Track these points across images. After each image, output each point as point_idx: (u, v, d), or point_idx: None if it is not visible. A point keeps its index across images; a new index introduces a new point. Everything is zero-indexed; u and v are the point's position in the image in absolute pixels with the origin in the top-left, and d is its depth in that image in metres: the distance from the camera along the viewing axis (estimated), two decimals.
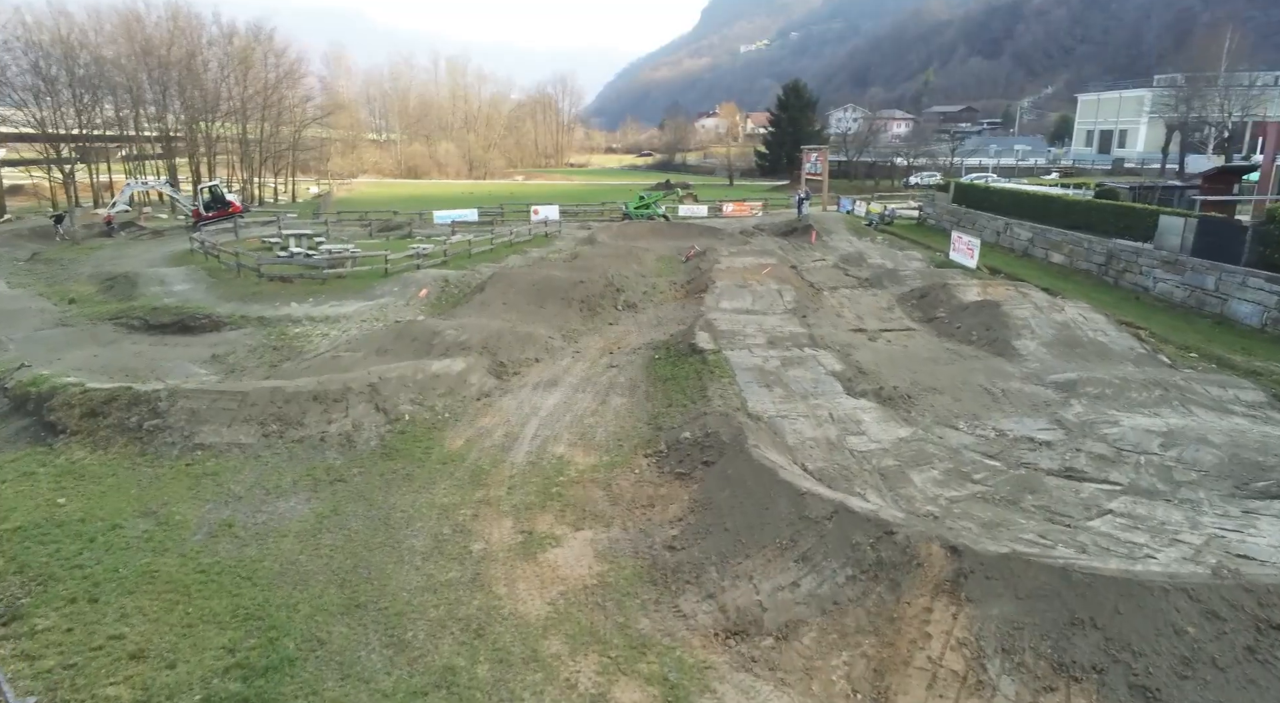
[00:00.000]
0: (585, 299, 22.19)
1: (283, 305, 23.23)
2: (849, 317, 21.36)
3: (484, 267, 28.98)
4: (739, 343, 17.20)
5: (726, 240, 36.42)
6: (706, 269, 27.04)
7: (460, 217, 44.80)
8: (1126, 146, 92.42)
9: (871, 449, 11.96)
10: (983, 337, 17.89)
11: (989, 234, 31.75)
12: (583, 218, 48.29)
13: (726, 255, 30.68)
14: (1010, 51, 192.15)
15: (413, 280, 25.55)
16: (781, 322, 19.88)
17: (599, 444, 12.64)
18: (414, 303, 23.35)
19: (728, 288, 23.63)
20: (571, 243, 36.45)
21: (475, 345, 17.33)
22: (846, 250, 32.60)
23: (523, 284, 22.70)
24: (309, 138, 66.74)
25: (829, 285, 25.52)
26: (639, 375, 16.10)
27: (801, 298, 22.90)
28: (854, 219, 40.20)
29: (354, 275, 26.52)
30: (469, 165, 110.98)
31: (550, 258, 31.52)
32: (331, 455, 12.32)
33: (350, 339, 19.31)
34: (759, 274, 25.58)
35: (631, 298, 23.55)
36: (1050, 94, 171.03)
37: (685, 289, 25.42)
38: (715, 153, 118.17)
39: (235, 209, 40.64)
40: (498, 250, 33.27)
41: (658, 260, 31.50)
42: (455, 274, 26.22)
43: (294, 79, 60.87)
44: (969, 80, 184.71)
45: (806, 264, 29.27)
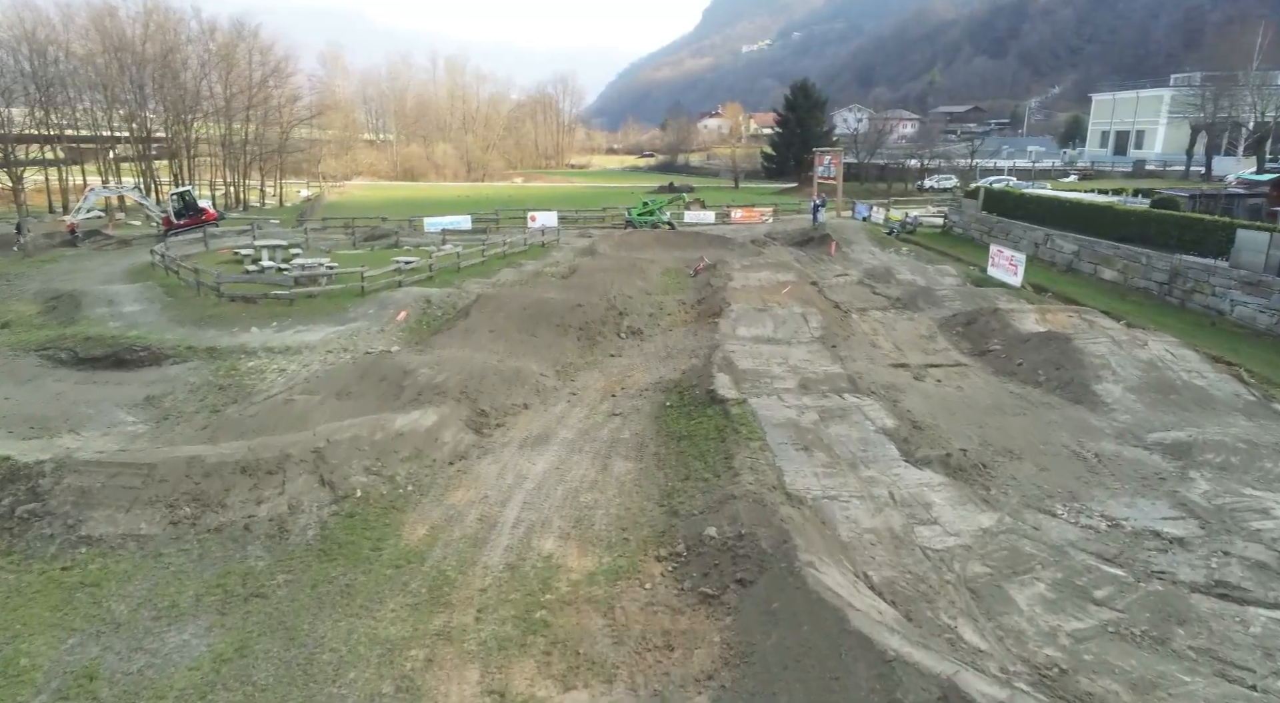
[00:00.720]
0: (584, 326, 19.46)
1: (241, 331, 20.51)
2: (885, 347, 18.63)
3: (473, 283, 26.26)
4: (765, 387, 14.47)
5: (737, 251, 33.68)
6: (719, 287, 24.30)
7: (452, 224, 42.07)
8: (1144, 148, 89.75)
9: (950, 547, 9.24)
10: (1053, 378, 15.14)
11: (1026, 246, 28.99)
12: (583, 224, 45.57)
13: (739, 269, 27.96)
14: (1016, 51, 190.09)
15: (391, 301, 22.82)
16: (810, 355, 17.16)
17: (599, 536, 9.91)
18: (390, 328, 20.62)
19: (745, 311, 20.90)
20: (570, 254, 33.72)
21: (452, 389, 14.60)
22: (870, 264, 29.85)
23: (512, 308, 19.96)
24: (298, 139, 64.03)
25: (857, 306, 22.78)
26: (647, 429, 13.37)
27: (829, 323, 20.16)
28: (873, 227, 37.45)
29: (327, 295, 23.81)
30: (467, 167, 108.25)
31: (546, 272, 28.80)
32: (255, 553, 9.59)
33: (310, 377, 16.58)
34: (779, 294, 22.85)
35: (636, 322, 20.82)
36: (1057, 94, 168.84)
37: (696, 311, 22.69)
38: (719, 154, 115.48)
39: (209, 217, 37.94)
40: (490, 263, 30.54)
41: (664, 274, 28.79)
42: (440, 293, 23.50)
43: (281, 77, 58.17)
44: (974, 80, 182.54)
45: (828, 280, 26.54)
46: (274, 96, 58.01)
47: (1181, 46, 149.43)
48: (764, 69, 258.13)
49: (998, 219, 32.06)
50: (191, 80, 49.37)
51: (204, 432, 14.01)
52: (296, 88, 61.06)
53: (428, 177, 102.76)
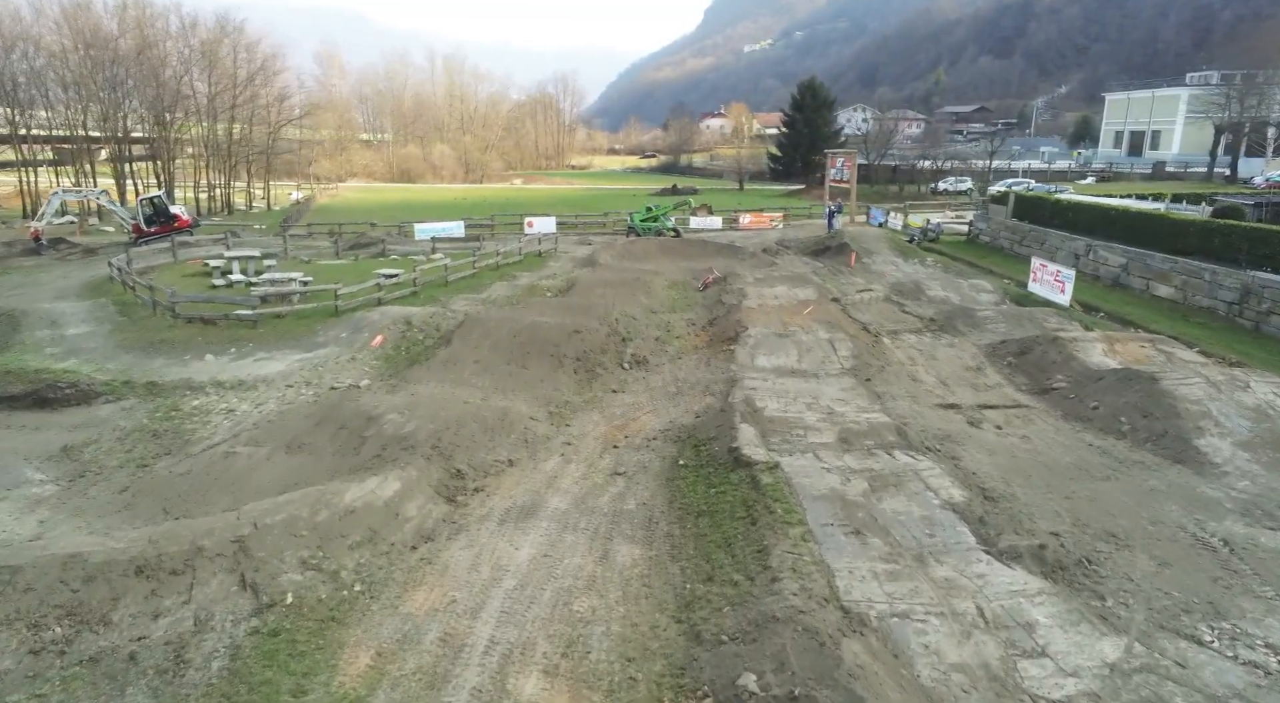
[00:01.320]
0: (581, 356, 17.03)
1: (194, 359, 18.11)
2: (928, 380, 16.21)
3: (460, 301, 23.87)
4: (798, 442, 12.04)
5: (749, 262, 31.27)
6: (733, 306, 21.88)
7: (443, 231, 39.71)
8: (1160, 148, 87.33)
9: (1071, 697, 6.82)
10: (1140, 427, 12.71)
11: (1065, 257, 26.58)
12: (583, 230, 43.24)
13: (752, 283, 25.55)
14: (1022, 50, 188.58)
15: (368, 322, 20.42)
16: (844, 393, 14.74)
17: (597, 671, 7.48)
18: (364, 356, 18.21)
19: (764, 336, 18.48)
20: (568, 264, 31.33)
21: (424, 440, 12.18)
22: (895, 277, 27.43)
23: (500, 335, 17.54)
24: (288, 140, 61.60)
25: (887, 329, 20.36)
26: (657, 497, 10.96)
27: (860, 350, 17.74)
28: (894, 235, 35.01)
29: (297, 315, 21.40)
30: (465, 168, 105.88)
31: (542, 286, 26.41)
32: (136, 700, 7.17)
33: (260, 421, 14.18)
34: (801, 315, 20.42)
35: (641, 349, 18.40)
36: (1064, 94, 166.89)
37: (708, 333, 20.27)
38: (722, 155, 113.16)
39: (182, 223, 35.52)
40: (481, 276, 28.13)
41: (670, 288, 26.40)
42: (422, 314, 21.09)
43: (268, 75, 55.76)
44: (980, 80, 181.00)
45: (851, 296, 24.12)
46: (261, 95, 55.59)
47: (1191, 46, 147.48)
48: (766, 69, 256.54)
49: (1030, 227, 29.62)
50: (172, 78, 46.92)
51: (122, 495, 11.63)
52: (285, 86, 58.71)
53: (425, 178, 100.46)
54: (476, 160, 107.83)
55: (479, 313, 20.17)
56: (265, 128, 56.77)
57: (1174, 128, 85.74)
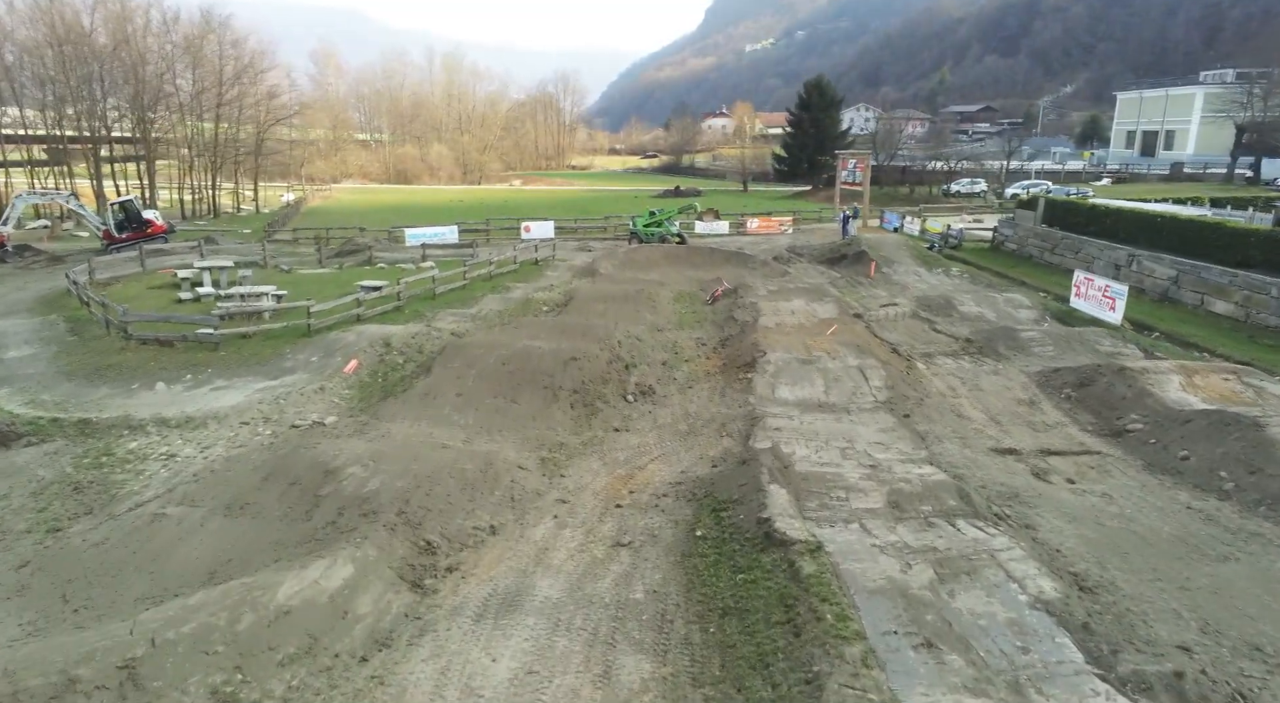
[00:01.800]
0: (580, 387, 14.95)
1: (143, 388, 16.05)
2: (975, 417, 14.14)
3: (448, 316, 21.81)
4: (839, 507, 9.97)
5: (760, 271, 29.22)
6: (748, 324, 19.80)
7: (435, 236, 37.64)
8: (1174, 148, 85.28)
9: None
10: (1248, 487, 10.62)
11: (1104, 268, 24.52)
12: (582, 235, 41.19)
13: (766, 296, 23.49)
14: (1027, 49, 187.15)
15: (342, 343, 18.36)
16: (883, 434, 12.68)
17: None
18: (334, 384, 16.14)
19: (785, 362, 16.40)
20: (567, 274, 29.27)
21: (388, 503, 10.11)
22: (920, 289, 25.35)
23: (488, 363, 15.45)
24: (278, 140, 59.50)
25: (920, 351, 18.30)
26: (671, 585, 8.88)
27: (893, 379, 15.67)
28: (914, 242, 32.89)
29: (266, 335, 19.32)
30: (463, 169, 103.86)
31: (537, 299, 24.33)
32: None
33: (203, 471, 12.11)
34: (824, 337, 18.34)
35: (646, 376, 16.33)
36: (1070, 93, 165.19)
37: (721, 356, 18.20)
38: (725, 155, 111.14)
39: (157, 229, 33.45)
40: (472, 288, 26.07)
41: (676, 301, 24.37)
42: (404, 333, 19.01)
43: (256, 73, 53.63)
44: (985, 79, 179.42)
45: (874, 311, 22.06)
46: (249, 93, 53.48)
47: (1201, 44, 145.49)
48: (768, 68, 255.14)
49: (1063, 235, 27.52)
50: (153, 75, 44.81)
51: (20, 573, 9.59)
52: (274, 84, 56.55)
53: (421, 179, 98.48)
54: (474, 161, 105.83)
55: (464, 337, 18.01)
56: (254, 127, 54.68)
57: (1189, 128, 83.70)
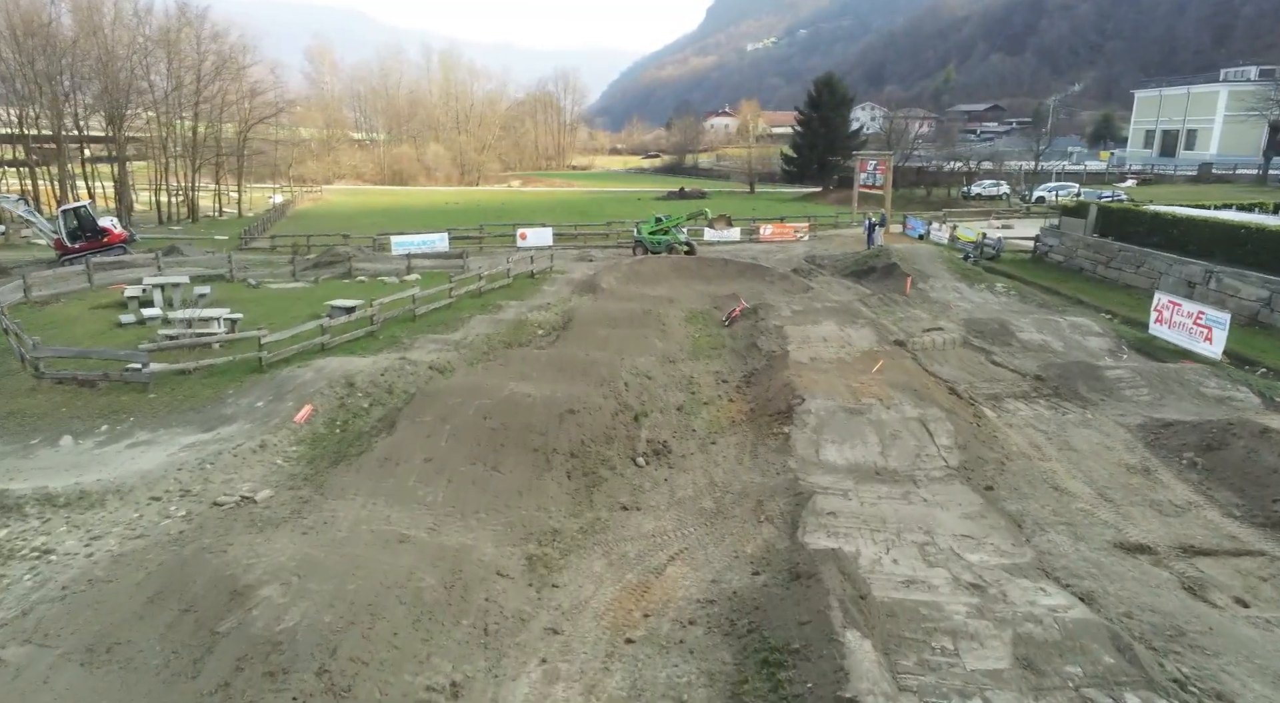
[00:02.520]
0: (579, 450, 12.01)
1: (45, 443, 13.14)
2: (1078, 491, 11.21)
3: (428, 344, 18.88)
4: (946, 668, 7.01)
5: (779, 286, 26.29)
6: (774, 355, 16.85)
7: (424, 244, 34.74)
8: (1196, 148, 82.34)
9: None
10: None
11: (1174, 285, 21.59)
12: (583, 242, 38.26)
13: (790, 317, 20.57)
14: (1034, 48, 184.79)
15: (298, 383, 15.43)
16: (968, 521, 9.76)
17: None
18: (279, 440, 13.19)
19: (828, 412, 13.45)
20: (566, 290, 26.33)
21: (307, 655, 7.16)
22: (965, 309, 22.40)
23: (465, 417, 12.50)
24: (262, 140, 56.53)
25: (983, 390, 15.39)
26: None
27: (963, 434, 12.74)
28: (949, 252, 29.87)
29: (208, 371, 16.42)
30: (460, 169, 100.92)
31: (531, 322, 21.38)
32: None
33: (74, 581, 9.17)
34: (870, 375, 15.39)
35: (660, 430, 13.40)
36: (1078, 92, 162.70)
37: (748, 398, 15.25)
38: (729, 155, 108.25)
39: (114, 238, 30.55)
40: (459, 307, 23.14)
41: (688, 322, 21.45)
42: (372, 369, 16.06)
43: (236, 69, 50.64)
44: (991, 78, 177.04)
45: (917, 338, 19.12)
46: (230, 90, 50.53)
47: (1212, 42, 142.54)
48: (770, 67, 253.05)
49: (1121, 246, 24.57)
50: (124, 70, 41.83)
51: None
52: (257, 81, 53.52)
53: (417, 180, 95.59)
54: (472, 161, 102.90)
55: (440, 380, 14.96)
56: (237, 126, 51.74)
57: (1212, 127, 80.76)
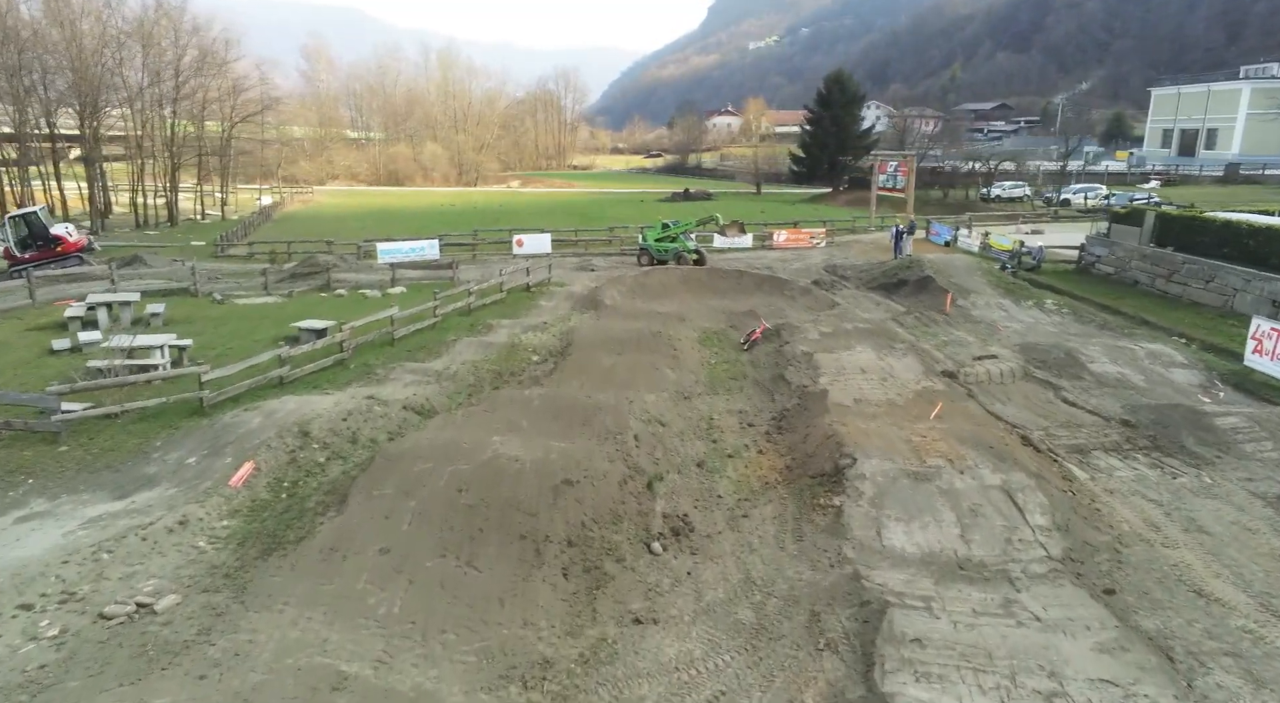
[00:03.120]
0: (579, 536, 9.38)
1: None
2: (1231, 598, 8.61)
3: (404, 376, 16.28)
4: None
5: (802, 301, 23.71)
6: (807, 391, 14.24)
7: (413, 252, 32.13)
8: (1217, 148, 79.72)
9: None
10: None
11: (1254, 304, 19.01)
12: (584, 248, 35.66)
13: (819, 340, 18.00)
14: (1040, 46, 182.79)
15: (241, 431, 12.84)
16: (1102, 656, 7.17)
17: None
18: (207, 512, 10.60)
19: (888, 477, 10.85)
20: (565, 306, 23.72)
21: None
22: (1015, 330, 19.78)
23: (436, 489, 9.89)
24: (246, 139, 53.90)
25: (1063, 441, 12.81)
26: None
27: (1060, 507, 10.17)
28: (984, 262, 27.21)
29: (139, 415, 13.84)
30: (458, 170, 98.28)
31: (525, 346, 18.75)
32: None
33: None
34: (930, 427, 12.79)
35: (678, 499, 10.81)
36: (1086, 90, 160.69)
37: (780, 451, 12.64)
38: (734, 154, 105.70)
39: (69, 247, 27.97)
40: (444, 326, 20.53)
41: (702, 344, 18.89)
42: (334, 413, 13.44)
43: (218, 64, 48.00)
44: (998, 76, 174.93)
45: (970, 369, 16.51)
46: (212, 87, 47.91)
47: (1224, 40, 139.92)
48: (772, 66, 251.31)
49: (1185, 259, 21.96)
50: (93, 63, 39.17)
51: None
52: (240, 77, 50.79)
53: (414, 180, 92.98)
54: (470, 161, 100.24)
55: (399, 450, 12.19)
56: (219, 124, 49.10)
57: (1234, 126, 78.16)
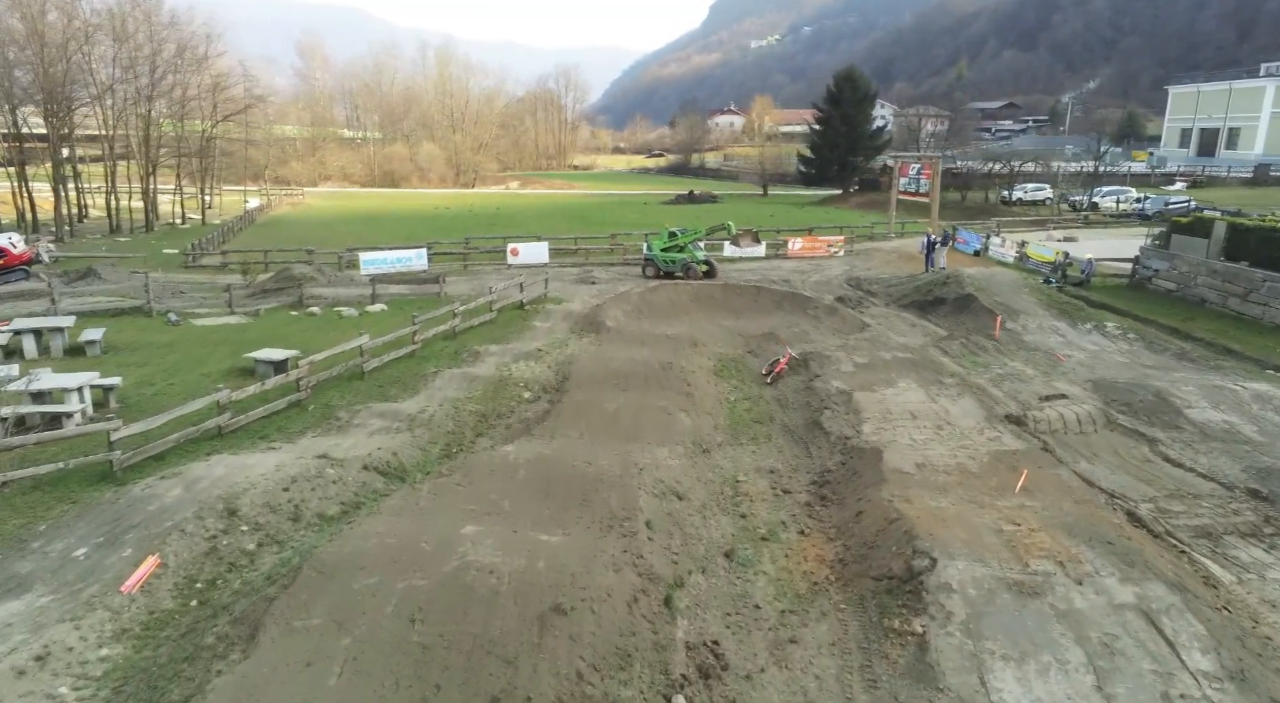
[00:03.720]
0: (570, 694, 6.76)
1: None
2: None
3: (371, 422, 13.65)
4: None
5: (827, 322, 21.10)
6: (856, 452, 11.62)
7: (399, 262, 29.52)
8: (1239, 148, 77.08)
9: None
10: None
11: None
12: (584, 258, 32.96)
13: (854, 373, 15.41)
14: (1047, 44, 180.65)
15: (153, 509, 10.22)
16: None
17: None
18: (75, 647, 8.02)
19: (983, 593, 8.21)
20: (563, 327, 21.05)
21: None
22: (1081, 362, 17.13)
23: (378, 623, 7.24)
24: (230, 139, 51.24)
25: (1179, 519, 10.21)
26: None
27: (1229, 647, 7.57)
28: (1029, 277, 24.51)
29: (31, 485, 11.23)
30: (455, 170, 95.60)
31: (516, 381, 16.12)
32: None
33: None
34: (1017, 504, 10.17)
35: (703, 613, 8.20)
36: (1094, 89, 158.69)
37: (829, 535, 10.02)
38: (738, 154, 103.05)
39: (12, 259, 25.38)
40: (426, 354, 17.89)
41: (718, 376, 16.34)
42: (274, 478, 10.84)
43: (197, 60, 45.30)
44: (1004, 75, 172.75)
45: (1036, 409, 13.90)
46: (192, 84, 45.24)
47: (1236, 37, 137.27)
48: (775, 65, 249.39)
49: (1266, 277, 19.32)
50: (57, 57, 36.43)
51: None
52: (220, 74, 47.98)
53: (409, 181, 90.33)
54: (468, 161, 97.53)
55: (344, 538, 9.32)
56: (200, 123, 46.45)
57: (1257, 124, 75.50)
